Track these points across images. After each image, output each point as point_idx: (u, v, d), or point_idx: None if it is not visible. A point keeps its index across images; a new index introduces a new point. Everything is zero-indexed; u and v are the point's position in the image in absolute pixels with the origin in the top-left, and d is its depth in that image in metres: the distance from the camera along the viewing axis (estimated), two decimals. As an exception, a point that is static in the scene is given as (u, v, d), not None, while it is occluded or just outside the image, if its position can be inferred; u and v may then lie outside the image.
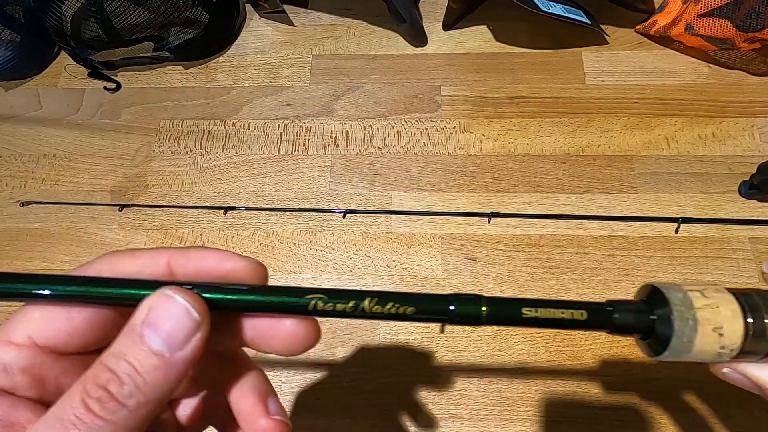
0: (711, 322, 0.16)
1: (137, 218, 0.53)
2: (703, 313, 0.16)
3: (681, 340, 0.16)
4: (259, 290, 0.16)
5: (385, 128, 0.56)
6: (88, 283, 0.16)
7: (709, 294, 0.17)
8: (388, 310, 0.17)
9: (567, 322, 0.17)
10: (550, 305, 0.17)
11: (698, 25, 0.51)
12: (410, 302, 0.17)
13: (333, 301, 0.16)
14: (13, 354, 0.15)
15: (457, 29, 0.61)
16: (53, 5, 0.55)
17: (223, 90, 0.60)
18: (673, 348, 0.17)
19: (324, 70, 0.60)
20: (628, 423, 0.42)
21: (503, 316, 0.17)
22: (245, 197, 0.54)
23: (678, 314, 0.16)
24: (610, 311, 0.17)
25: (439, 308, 0.17)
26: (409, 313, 0.17)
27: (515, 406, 0.44)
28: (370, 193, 0.53)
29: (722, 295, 0.17)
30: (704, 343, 0.16)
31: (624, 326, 0.17)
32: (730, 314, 0.16)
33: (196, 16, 0.58)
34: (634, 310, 0.17)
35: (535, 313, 0.17)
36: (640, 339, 0.18)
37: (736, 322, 0.16)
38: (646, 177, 0.51)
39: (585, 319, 0.17)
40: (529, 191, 0.52)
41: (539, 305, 0.17)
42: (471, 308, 0.17)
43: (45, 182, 0.56)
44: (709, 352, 0.17)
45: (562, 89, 0.56)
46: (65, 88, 0.61)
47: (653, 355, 0.18)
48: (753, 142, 0.52)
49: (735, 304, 0.17)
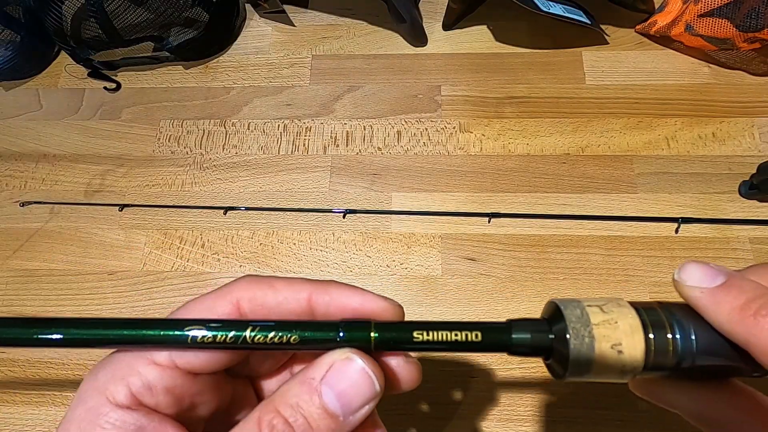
0: (609, 339, 0.15)
1: (137, 218, 0.53)
2: (600, 330, 0.15)
3: (578, 359, 0.15)
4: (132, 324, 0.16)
5: (385, 128, 0.56)
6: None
7: (608, 309, 0.16)
8: (271, 340, 0.16)
9: (461, 345, 0.16)
10: (443, 327, 0.16)
11: (698, 25, 0.51)
12: (294, 330, 0.16)
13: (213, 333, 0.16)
14: (156, 374, 0.16)
15: (457, 29, 0.61)
16: (53, 5, 0.55)
17: (223, 90, 0.60)
18: (572, 368, 0.16)
19: (324, 70, 0.60)
20: (628, 423, 0.42)
21: (393, 340, 0.16)
22: (245, 197, 0.54)
23: (573, 332, 0.15)
24: (506, 332, 0.16)
25: (325, 336, 0.16)
26: (293, 342, 0.16)
27: (515, 406, 0.44)
28: (370, 193, 0.53)
29: (622, 309, 0.16)
30: (604, 362, 0.15)
31: (523, 346, 0.16)
32: (629, 329, 0.15)
33: (196, 16, 0.58)
34: (532, 329, 0.16)
35: (427, 336, 0.16)
36: (545, 360, 0.17)
37: (636, 337, 0.15)
38: (646, 177, 0.51)
39: (479, 340, 0.16)
40: (529, 191, 0.52)
41: (431, 328, 0.16)
42: (359, 334, 0.16)
43: (45, 182, 0.56)
44: (611, 370, 0.16)
45: (562, 89, 0.56)
46: (65, 88, 0.61)
47: (557, 376, 0.17)
48: (753, 142, 0.52)
49: (635, 318, 0.16)
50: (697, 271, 0.16)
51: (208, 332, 0.16)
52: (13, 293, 0.51)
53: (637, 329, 0.16)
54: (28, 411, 0.47)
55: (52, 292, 0.51)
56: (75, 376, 0.47)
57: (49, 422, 0.46)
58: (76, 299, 0.50)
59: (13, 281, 0.52)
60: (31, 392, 0.47)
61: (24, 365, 0.48)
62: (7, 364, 0.48)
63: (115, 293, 0.50)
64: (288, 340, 0.16)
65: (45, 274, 0.52)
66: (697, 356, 0.16)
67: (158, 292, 0.50)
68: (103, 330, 0.16)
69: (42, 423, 0.46)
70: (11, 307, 0.51)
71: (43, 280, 0.51)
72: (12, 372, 0.48)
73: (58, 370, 0.48)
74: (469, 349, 0.16)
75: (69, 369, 0.48)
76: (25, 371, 0.48)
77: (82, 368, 0.48)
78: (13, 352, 0.49)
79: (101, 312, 0.50)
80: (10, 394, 0.47)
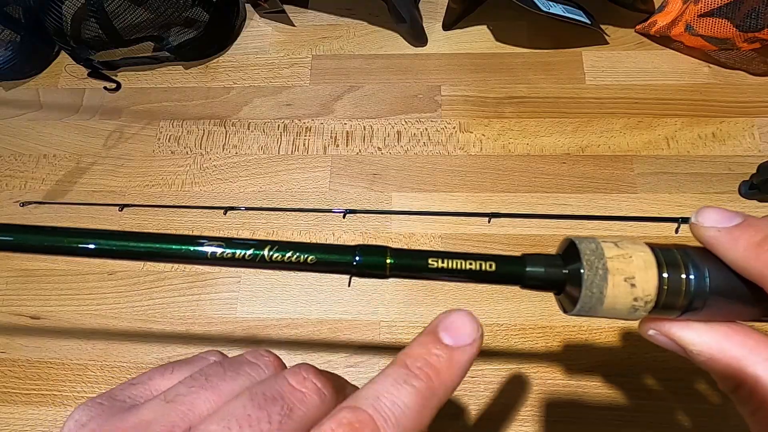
0: (622, 272, 0.16)
1: (137, 218, 0.53)
2: (614, 263, 0.16)
3: (591, 290, 0.16)
4: (153, 237, 0.16)
5: (385, 128, 0.56)
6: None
7: (623, 245, 0.16)
8: (288, 259, 0.16)
9: (475, 274, 0.16)
10: (458, 256, 0.16)
11: (698, 25, 0.51)
12: (312, 251, 0.16)
13: (232, 250, 0.16)
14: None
15: (457, 29, 0.61)
16: (53, 5, 0.55)
17: (223, 90, 0.60)
18: (584, 300, 0.16)
19: (324, 70, 0.60)
20: (628, 423, 0.42)
21: (408, 266, 0.16)
22: (245, 197, 0.54)
23: (588, 264, 0.16)
24: (520, 264, 0.17)
25: (342, 259, 0.16)
26: (310, 263, 0.16)
27: (515, 405, 0.44)
28: (370, 193, 0.53)
29: (637, 246, 0.16)
30: (616, 295, 0.16)
31: (536, 279, 0.17)
32: (643, 264, 0.16)
33: (196, 16, 0.58)
34: (546, 262, 0.17)
35: (442, 264, 0.16)
36: (556, 295, 0.18)
37: (649, 272, 0.16)
38: (646, 177, 0.51)
39: (494, 270, 0.16)
40: (529, 191, 0.52)
41: (446, 256, 0.16)
42: (375, 259, 0.16)
43: (45, 182, 0.56)
44: (622, 304, 0.16)
45: (562, 89, 0.56)
46: (65, 88, 0.61)
47: (566, 310, 0.17)
48: (753, 142, 0.52)
49: (649, 254, 0.16)
50: (715, 212, 0.17)
51: (228, 249, 0.16)
52: (13, 293, 0.51)
53: (651, 265, 0.16)
54: (28, 411, 0.47)
55: (52, 292, 0.51)
56: (75, 377, 0.47)
57: (49, 422, 0.46)
58: (76, 299, 0.50)
59: (13, 281, 0.52)
60: (31, 392, 0.47)
61: (24, 365, 0.48)
62: (7, 364, 0.48)
63: (115, 293, 0.50)
64: (305, 260, 0.16)
65: (45, 274, 0.52)
66: (710, 297, 0.16)
67: (158, 292, 0.50)
68: (134, 242, 0.16)
69: (42, 423, 0.46)
70: (11, 307, 0.51)
71: (43, 280, 0.51)
72: (12, 372, 0.48)
73: (58, 370, 0.48)
74: (483, 279, 0.17)
75: (69, 369, 0.48)
76: (25, 371, 0.48)
77: (82, 368, 0.48)
78: (13, 352, 0.49)
79: (101, 312, 0.50)
80: (10, 394, 0.47)
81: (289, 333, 0.48)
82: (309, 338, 0.47)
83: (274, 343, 0.47)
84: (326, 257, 0.16)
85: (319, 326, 0.48)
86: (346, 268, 0.16)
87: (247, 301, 0.49)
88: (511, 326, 0.46)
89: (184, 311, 0.49)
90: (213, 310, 0.49)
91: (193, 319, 0.49)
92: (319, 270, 0.16)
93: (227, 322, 0.48)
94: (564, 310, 0.17)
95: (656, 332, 0.18)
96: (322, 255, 0.16)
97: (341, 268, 0.16)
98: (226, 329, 0.48)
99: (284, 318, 0.48)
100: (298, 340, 0.47)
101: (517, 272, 0.17)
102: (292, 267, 0.16)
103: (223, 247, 0.16)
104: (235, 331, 0.48)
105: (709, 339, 0.17)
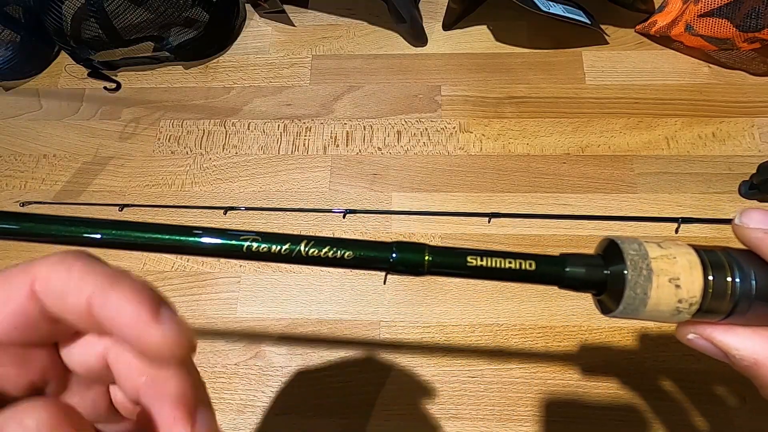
0: (666, 273, 0.15)
1: (137, 218, 0.53)
2: (659, 264, 0.15)
3: (635, 291, 0.15)
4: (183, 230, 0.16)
5: (385, 128, 0.56)
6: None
7: (666, 246, 0.16)
8: (325, 255, 0.16)
9: (514, 273, 0.16)
10: (497, 255, 0.16)
11: (698, 25, 0.51)
12: (349, 247, 0.16)
13: (268, 244, 0.15)
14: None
15: (457, 29, 0.61)
16: (53, 5, 0.55)
17: (223, 90, 0.60)
18: (627, 300, 0.15)
19: (324, 70, 0.60)
20: (628, 423, 0.42)
21: (446, 264, 0.16)
22: (245, 197, 0.54)
23: (632, 264, 0.15)
24: (561, 264, 0.16)
25: (379, 255, 0.16)
26: (347, 258, 0.16)
27: (515, 406, 0.44)
28: (370, 193, 0.53)
29: (680, 247, 0.16)
30: (660, 296, 0.15)
31: (576, 280, 0.16)
32: (688, 265, 0.15)
33: (196, 16, 0.58)
34: (586, 262, 0.16)
35: (481, 262, 0.16)
36: (595, 295, 0.17)
37: (694, 273, 0.15)
38: (646, 177, 0.51)
39: (534, 269, 0.16)
40: (529, 191, 0.52)
41: (486, 255, 0.16)
42: (413, 256, 0.16)
43: (45, 182, 0.56)
44: (666, 305, 0.15)
45: (562, 89, 0.56)
46: (65, 88, 0.61)
47: (607, 311, 0.17)
48: (753, 142, 0.52)
49: (694, 256, 0.15)
50: (760, 214, 0.16)
51: (264, 243, 0.16)
52: (13, 293, 0.51)
53: (696, 266, 0.15)
54: (28, 411, 0.46)
55: (52, 292, 0.51)
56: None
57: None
58: (76, 299, 0.50)
59: (13, 281, 0.52)
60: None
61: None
62: (7, 364, 0.48)
63: (115, 293, 0.50)
64: (342, 256, 0.16)
65: (45, 274, 0.52)
66: (755, 300, 0.15)
67: (158, 292, 0.50)
68: (166, 234, 0.16)
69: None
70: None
71: (43, 280, 0.51)
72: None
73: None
74: (521, 278, 0.16)
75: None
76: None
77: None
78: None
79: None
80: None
81: (289, 333, 0.48)
82: (309, 338, 0.47)
83: (275, 343, 0.47)
84: (363, 253, 0.16)
85: (319, 326, 0.48)
86: (383, 264, 0.16)
87: (247, 301, 0.49)
88: (511, 326, 0.46)
89: (184, 311, 0.49)
90: (213, 310, 0.49)
91: (193, 319, 0.49)
92: (355, 266, 0.16)
93: (227, 322, 0.48)
94: (603, 311, 0.17)
95: (696, 336, 0.17)
96: (359, 251, 0.16)
97: (378, 264, 0.16)
98: (226, 329, 0.48)
99: (284, 318, 0.48)
100: (298, 340, 0.47)
101: (557, 272, 0.16)
102: (328, 263, 0.16)
103: (259, 242, 0.16)
104: (235, 331, 0.48)
105: (753, 344, 0.16)
